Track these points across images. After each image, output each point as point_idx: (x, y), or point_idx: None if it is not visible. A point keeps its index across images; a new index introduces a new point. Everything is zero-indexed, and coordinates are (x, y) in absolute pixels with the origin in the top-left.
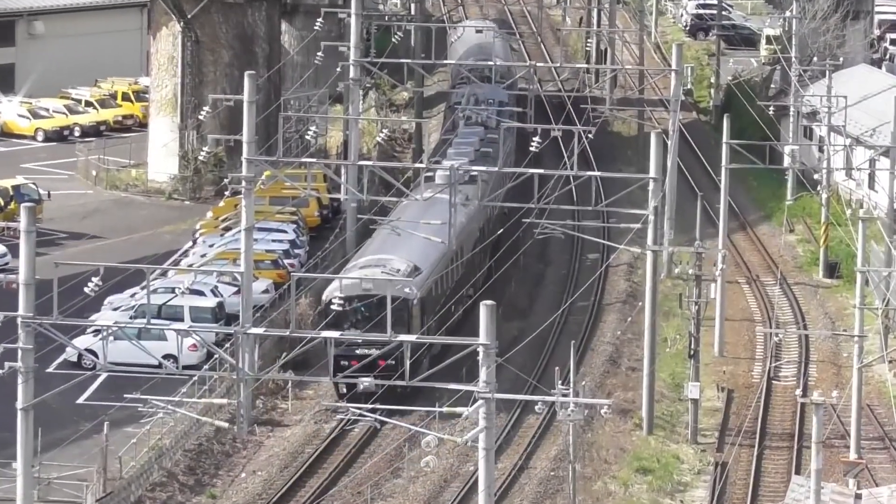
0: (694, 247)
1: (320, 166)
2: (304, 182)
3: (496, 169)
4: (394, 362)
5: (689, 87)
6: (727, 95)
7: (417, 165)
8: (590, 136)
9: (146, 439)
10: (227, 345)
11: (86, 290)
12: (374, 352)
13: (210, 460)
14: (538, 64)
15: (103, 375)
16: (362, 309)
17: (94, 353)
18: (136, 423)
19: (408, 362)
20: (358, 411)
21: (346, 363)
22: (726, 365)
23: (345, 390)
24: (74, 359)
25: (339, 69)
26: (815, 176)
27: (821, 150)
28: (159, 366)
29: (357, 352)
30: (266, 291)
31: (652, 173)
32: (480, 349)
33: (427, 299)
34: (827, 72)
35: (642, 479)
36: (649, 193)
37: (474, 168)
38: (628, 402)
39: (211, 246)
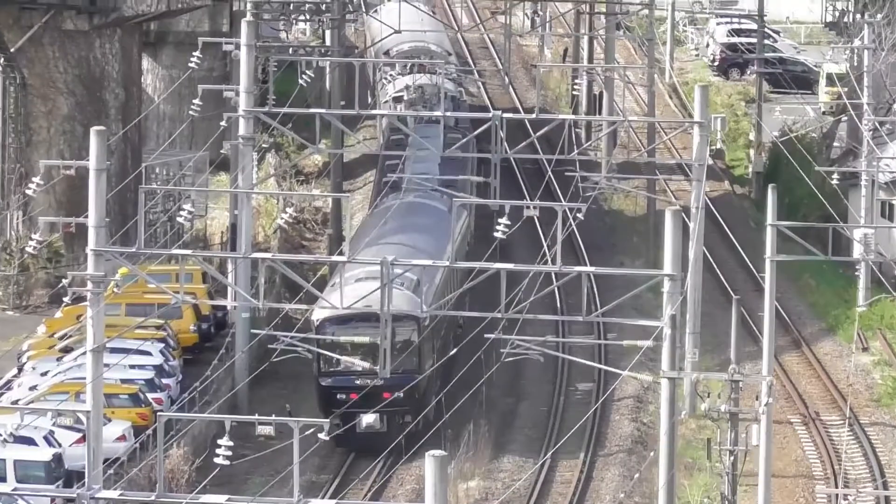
0: (728, 372)
1: (198, 260)
2: (174, 283)
3: (446, 263)
4: (401, 395)
5: (718, 146)
6: (773, 158)
7: (336, 258)
8: (580, 215)
9: None
10: None
11: None
12: (378, 381)
13: None
14: (506, 114)
15: None
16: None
17: None
18: None
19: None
20: None
21: (344, 396)
22: None
23: (339, 431)
24: None
25: (223, 123)
26: None
27: None
28: None
29: (357, 382)
30: (122, 438)
31: (667, 268)
32: None
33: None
34: None
35: None
36: (664, 297)
37: (415, 262)
38: None
39: (44, 374)
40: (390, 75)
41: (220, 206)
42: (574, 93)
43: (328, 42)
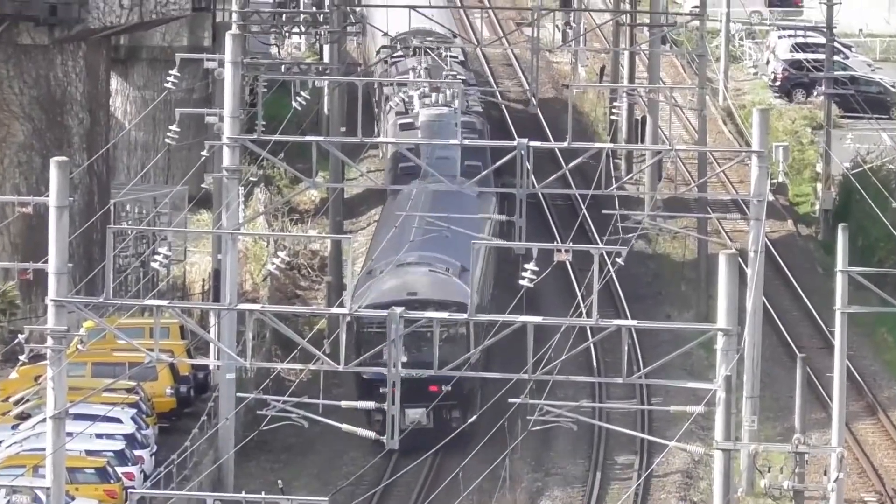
0: (792, 443)
1: (175, 312)
2: (148, 339)
3: (464, 317)
4: (449, 388)
5: (780, 179)
6: (843, 193)
7: (336, 311)
8: (619, 260)
9: None
10: None
11: None
12: (425, 373)
13: None
14: (532, 143)
15: None
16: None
17: None
18: None
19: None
20: None
21: (386, 389)
22: None
23: (380, 426)
24: None
25: (205, 152)
26: None
27: None
28: None
29: (402, 374)
30: None
31: (721, 322)
32: None
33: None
34: None
35: None
36: (718, 355)
37: (427, 314)
38: None
39: None
40: (399, 100)
41: (202, 249)
42: (612, 117)
43: (326, 59)
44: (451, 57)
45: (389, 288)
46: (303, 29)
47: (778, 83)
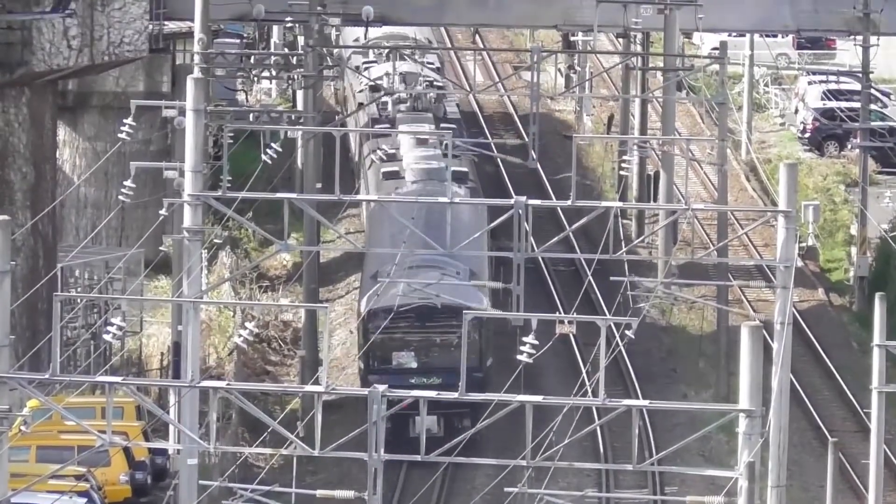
0: None
1: (130, 390)
2: (100, 420)
3: (454, 395)
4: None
5: (810, 242)
6: (881, 258)
7: (311, 389)
8: (629, 333)
9: None
10: None
11: None
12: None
13: None
14: (532, 201)
15: None
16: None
17: None
18: None
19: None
20: None
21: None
22: None
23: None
24: None
25: (163, 211)
26: None
27: None
28: None
29: (412, 380)
30: None
31: (744, 402)
32: None
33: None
34: None
35: None
36: (739, 439)
37: (414, 393)
38: None
39: None
40: (381, 153)
41: (160, 319)
42: (622, 173)
43: (300, 106)
44: (427, 64)
45: (401, 292)
46: (274, 73)
47: (808, 135)
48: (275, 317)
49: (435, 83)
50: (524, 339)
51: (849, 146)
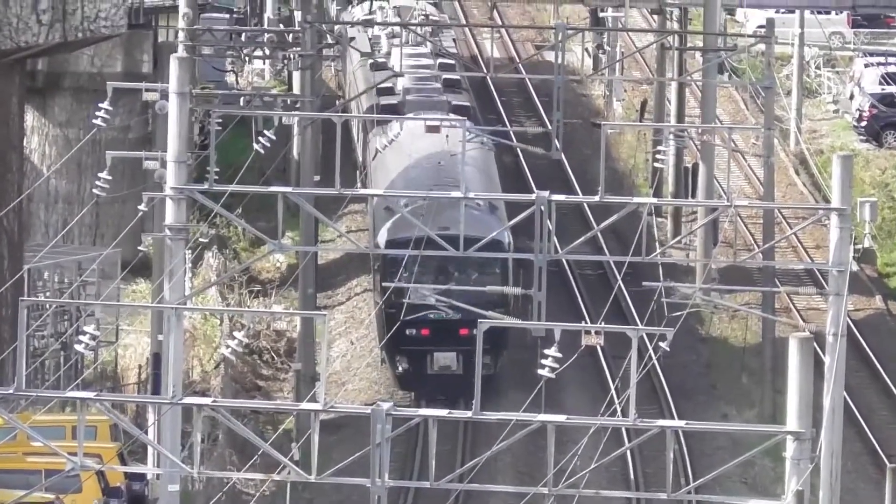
0: None
1: (104, 407)
2: (70, 441)
3: (468, 415)
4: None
5: (867, 244)
6: None
7: (307, 406)
8: (664, 345)
9: None
10: None
11: None
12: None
13: None
14: (555, 196)
15: None
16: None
17: None
18: None
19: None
20: None
21: (414, 332)
22: None
23: (402, 371)
24: None
25: (143, 206)
26: None
27: None
28: None
29: (431, 316)
30: None
31: (792, 423)
32: None
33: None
34: None
35: None
36: (787, 465)
37: (420, 412)
38: None
39: None
40: (387, 141)
41: (138, 327)
42: (656, 165)
43: (296, 89)
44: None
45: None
46: (267, 52)
47: (864, 123)
48: (267, 325)
49: (430, 17)
50: (546, 351)
51: None
